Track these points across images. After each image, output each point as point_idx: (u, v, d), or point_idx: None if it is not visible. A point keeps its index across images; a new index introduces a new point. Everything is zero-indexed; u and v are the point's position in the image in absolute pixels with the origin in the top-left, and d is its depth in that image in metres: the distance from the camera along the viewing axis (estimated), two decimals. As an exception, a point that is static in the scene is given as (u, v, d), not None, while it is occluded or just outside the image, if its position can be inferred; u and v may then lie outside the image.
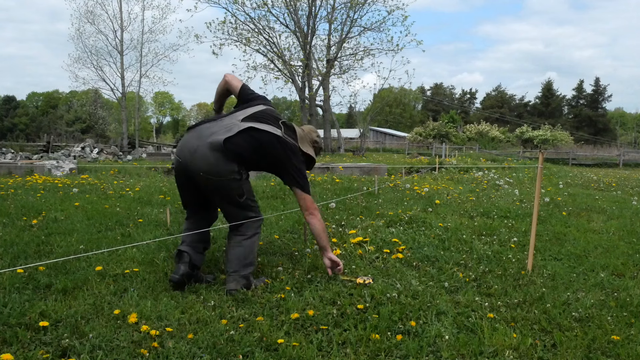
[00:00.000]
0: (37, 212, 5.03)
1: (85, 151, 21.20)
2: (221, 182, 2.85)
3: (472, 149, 33.43)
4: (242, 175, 2.92)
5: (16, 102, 65.67)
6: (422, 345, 2.25)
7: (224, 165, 2.82)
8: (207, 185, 2.90)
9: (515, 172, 11.73)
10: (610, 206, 6.70)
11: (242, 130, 2.87)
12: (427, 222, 4.89)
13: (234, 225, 2.98)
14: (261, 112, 3.03)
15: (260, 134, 2.92)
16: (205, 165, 2.82)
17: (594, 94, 67.75)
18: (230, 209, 2.98)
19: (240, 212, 2.97)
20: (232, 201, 2.93)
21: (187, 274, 2.90)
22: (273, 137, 2.95)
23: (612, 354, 2.27)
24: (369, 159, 20.01)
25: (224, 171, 2.83)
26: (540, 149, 32.68)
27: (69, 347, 2.12)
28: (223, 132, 2.85)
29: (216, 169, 2.82)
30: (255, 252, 3.02)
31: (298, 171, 3.03)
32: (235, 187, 2.89)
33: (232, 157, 2.84)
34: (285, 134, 3.03)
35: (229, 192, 2.90)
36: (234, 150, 2.83)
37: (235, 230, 2.98)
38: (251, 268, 2.97)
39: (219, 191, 2.91)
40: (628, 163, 29.63)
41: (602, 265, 3.71)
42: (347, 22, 26.97)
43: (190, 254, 2.95)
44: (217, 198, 2.97)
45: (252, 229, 2.98)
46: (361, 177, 9.31)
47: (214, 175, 2.83)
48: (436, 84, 77.34)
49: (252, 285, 2.92)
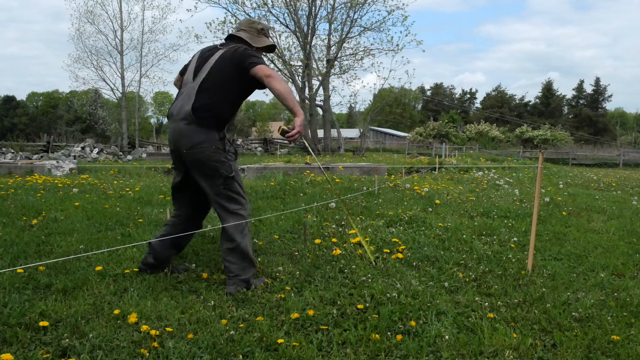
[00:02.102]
0: (37, 212, 5.03)
1: (85, 151, 21.21)
2: (204, 155, 2.84)
3: (472, 149, 33.42)
4: (225, 146, 2.90)
5: (16, 102, 65.64)
6: (422, 345, 2.25)
7: (202, 134, 2.83)
8: (194, 166, 2.89)
9: (515, 172, 11.73)
10: (610, 206, 6.70)
11: (198, 89, 2.86)
12: (427, 222, 4.89)
13: (223, 229, 2.94)
14: (202, 59, 2.98)
15: (208, 73, 2.87)
16: (186, 140, 2.85)
17: (594, 94, 67.75)
18: (219, 200, 2.91)
19: (229, 204, 2.91)
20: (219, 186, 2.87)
21: (150, 264, 3.07)
22: (219, 57, 2.90)
23: (612, 354, 2.27)
24: (369, 159, 20.01)
25: (204, 140, 2.83)
26: (540, 149, 32.65)
27: (69, 347, 2.12)
28: (187, 102, 2.87)
29: (196, 139, 2.83)
30: (250, 253, 2.98)
31: (253, 55, 2.87)
32: (219, 160, 2.86)
33: (207, 123, 2.84)
34: (231, 49, 2.95)
35: (216, 169, 2.86)
36: (203, 113, 2.83)
37: (225, 235, 2.94)
38: (252, 270, 2.97)
39: (206, 171, 2.87)
40: (628, 163, 29.62)
41: (602, 265, 3.71)
42: (347, 22, 26.97)
43: (157, 247, 3.06)
44: (205, 183, 2.91)
45: (239, 235, 2.92)
46: (361, 177, 9.31)
47: (197, 146, 2.83)
48: (436, 83, 77.35)
49: (252, 286, 2.92)
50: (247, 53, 2.89)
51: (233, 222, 2.91)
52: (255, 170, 9.73)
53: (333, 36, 27.52)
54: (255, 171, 9.68)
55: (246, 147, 29.34)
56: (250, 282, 2.93)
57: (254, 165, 10.69)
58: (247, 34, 3.07)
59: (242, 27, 3.12)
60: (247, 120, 60.83)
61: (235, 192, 2.94)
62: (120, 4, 26.86)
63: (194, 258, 3.54)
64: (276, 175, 8.89)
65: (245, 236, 2.97)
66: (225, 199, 2.92)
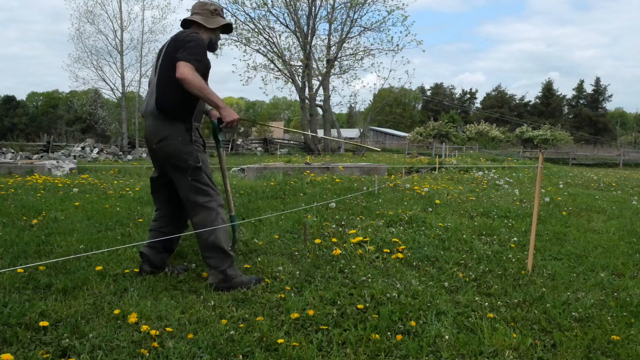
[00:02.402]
0: (37, 212, 5.03)
1: (85, 151, 21.22)
2: (171, 147, 2.85)
3: (472, 148, 33.42)
4: (192, 137, 2.90)
5: (16, 101, 65.62)
6: (422, 345, 2.25)
7: (168, 127, 2.86)
8: (163, 159, 2.93)
9: (515, 172, 11.72)
10: (610, 206, 6.70)
11: (157, 83, 2.90)
12: (427, 222, 4.89)
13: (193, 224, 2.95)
14: (159, 53, 3.00)
15: (161, 66, 2.88)
16: (154, 135, 2.91)
17: (594, 94, 67.75)
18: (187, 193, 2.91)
19: (197, 197, 2.90)
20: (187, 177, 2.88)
21: (148, 271, 3.09)
22: (165, 49, 2.90)
23: (612, 354, 2.27)
24: (369, 158, 20.01)
25: (170, 133, 2.85)
26: (540, 149, 32.65)
27: (69, 347, 2.12)
28: (151, 98, 2.93)
29: (164, 132, 2.87)
30: (223, 244, 2.93)
31: (191, 49, 2.80)
32: (186, 152, 2.87)
33: (170, 116, 2.86)
34: (172, 39, 2.94)
35: (184, 160, 2.86)
36: (165, 107, 2.85)
37: (196, 229, 2.94)
38: (228, 261, 2.93)
39: (174, 164, 2.89)
40: (628, 163, 29.62)
41: (602, 265, 3.71)
42: (347, 22, 27.02)
43: (149, 255, 3.08)
44: (175, 176, 2.93)
45: (206, 232, 2.89)
46: (361, 177, 9.31)
47: (164, 140, 2.86)
48: (436, 83, 77.32)
49: (236, 280, 2.89)
50: (178, 45, 2.84)
51: (202, 216, 2.91)
52: (255, 170, 9.73)
53: (333, 36, 27.56)
54: (255, 171, 9.68)
55: (246, 147, 29.35)
56: (228, 274, 2.90)
57: (254, 165, 10.69)
58: (201, 16, 3.04)
59: (196, 11, 3.08)
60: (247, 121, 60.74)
61: (204, 184, 2.93)
62: (120, 4, 26.90)
63: (194, 258, 3.54)
64: (276, 175, 8.89)
65: (216, 229, 2.93)
66: (193, 191, 2.91)
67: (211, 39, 3.07)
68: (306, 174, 9.17)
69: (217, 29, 3.09)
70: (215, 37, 3.10)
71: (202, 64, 2.84)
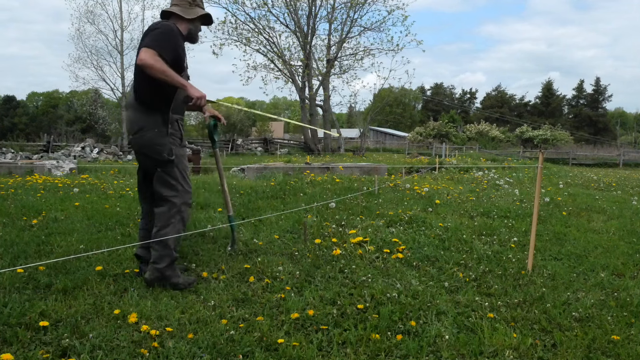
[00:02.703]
0: (37, 212, 5.03)
1: (86, 151, 21.22)
2: (147, 138, 2.86)
3: (472, 148, 33.42)
4: (168, 129, 2.89)
5: (16, 101, 65.60)
6: (422, 345, 2.25)
7: (144, 118, 2.87)
8: (139, 150, 2.94)
9: (515, 172, 11.72)
10: (610, 206, 6.70)
11: (135, 74, 2.90)
12: (427, 222, 4.89)
13: (155, 213, 2.94)
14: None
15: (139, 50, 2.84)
16: (131, 127, 2.93)
17: (594, 94, 67.71)
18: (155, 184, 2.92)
19: (162, 189, 2.90)
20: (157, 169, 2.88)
21: None
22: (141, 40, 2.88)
23: (612, 354, 2.27)
24: (369, 158, 20.01)
25: (146, 124, 2.85)
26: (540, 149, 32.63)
27: (69, 347, 2.12)
28: (132, 90, 2.97)
29: (140, 123, 2.87)
30: (171, 243, 2.89)
31: (155, 36, 2.78)
32: (160, 143, 2.86)
33: (147, 107, 2.86)
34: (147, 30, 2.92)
35: (158, 152, 2.86)
36: (142, 97, 2.86)
37: (154, 219, 2.94)
38: (167, 261, 2.88)
39: (148, 155, 2.90)
40: (628, 163, 29.61)
41: (602, 265, 3.71)
42: (347, 22, 27.03)
43: (144, 255, 3.08)
44: (148, 167, 2.95)
45: (164, 222, 2.89)
46: (361, 177, 9.31)
47: (140, 131, 2.87)
48: (436, 83, 77.28)
49: (172, 281, 2.87)
50: (146, 33, 2.86)
51: (163, 208, 2.90)
52: (255, 170, 9.73)
53: (333, 36, 27.56)
54: (255, 171, 9.68)
55: (246, 147, 29.35)
56: (166, 274, 2.87)
57: (254, 165, 10.69)
58: (179, 7, 3.02)
59: (174, 2, 3.06)
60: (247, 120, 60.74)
61: (173, 178, 2.92)
62: (120, 4, 26.95)
63: (194, 258, 3.54)
64: (276, 175, 8.89)
65: (172, 225, 2.89)
66: (160, 183, 2.92)
67: (190, 29, 3.03)
68: (306, 174, 9.17)
69: (196, 19, 3.05)
70: (194, 28, 3.06)
71: (167, 51, 2.77)
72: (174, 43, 2.85)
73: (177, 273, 2.94)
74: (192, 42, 3.13)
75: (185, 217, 2.99)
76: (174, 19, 3.00)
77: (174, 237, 2.92)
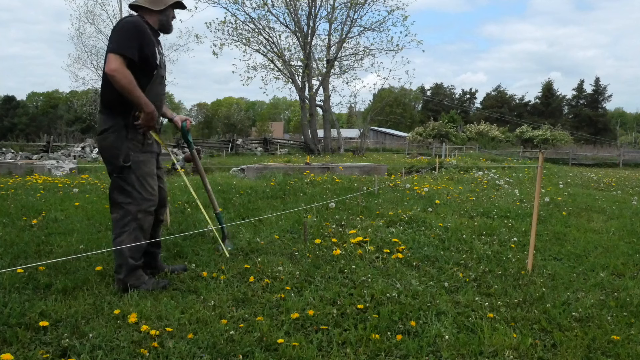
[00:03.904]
0: (37, 212, 5.03)
1: (85, 151, 21.21)
2: (108, 141, 2.81)
3: (472, 148, 33.42)
4: (129, 134, 2.81)
5: (16, 101, 65.60)
6: (422, 345, 2.25)
7: (108, 120, 2.82)
8: (101, 153, 2.90)
9: (515, 172, 11.72)
10: (610, 206, 6.70)
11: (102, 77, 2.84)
12: (427, 222, 4.89)
13: (112, 219, 2.89)
14: None
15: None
16: (98, 127, 2.89)
17: (594, 94, 67.69)
18: (110, 189, 2.87)
19: (117, 195, 2.83)
20: (113, 174, 2.83)
21: (151, 273, 3.06)
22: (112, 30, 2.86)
23: (612, 354, 2.27)
24: (369, 159, 20.01)
25: (109, 127, 2.81)
26: (540, 149, 32.67)
27: (69, 347, 2.12)
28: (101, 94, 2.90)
29: (104, 125, 2.83)
30: (126, 252, 2.79)
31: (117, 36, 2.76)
32: (119, 147, 2.79)
33: (111, 109, 2.81)
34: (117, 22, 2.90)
35: (116, 156, 2.79)
36: (106, 100, 2.82)
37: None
38: (124, 270, 2.80)
39: (107, 158, 2.85)
40: (628, 163, 29.59)
41: (602, 265, 3.71)
42: (347, 22, 26.99)
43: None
44: (108, 170, 2.90)
45: (118, 230, 2.82)
46: (361, 177, 9.31)
47: (103, 133, 2.83)
48: (436, 84, 77.24)
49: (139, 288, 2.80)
50: (110, 36, 2.82)
51: (117, 215, 2.84)
52: (255, 170, 9.73)
53: (333, 36, 27.54)
54: (255, 171, 9.68)
55: (246, 147, 29.33)
56: (128, 283, 2.79)
57: (254, 165, 10.69)
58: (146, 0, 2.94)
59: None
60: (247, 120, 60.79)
61: (129, 184, 2.82)
62: (120, 4, 26.92)
63: (194, 258, 3.54)
64: (276, 175, 8.89)
65: (126, 233, 2.81)
66: (116, 189, 2.85)
67: (161, 20, 2.95)
68: (306, 174, 9.17)
69: (167, 9, 2.95)
70: (165, 18, 2.97)
71: (133, 50, 2.71)
72: (138, 40, 2.75)
73: (142, 279, 2.85)
74: (166, 33, 3.04)
75: (144, 225, 2.87)
76: (143, 12, 2.92)
77: (131, 245, 2.80)
